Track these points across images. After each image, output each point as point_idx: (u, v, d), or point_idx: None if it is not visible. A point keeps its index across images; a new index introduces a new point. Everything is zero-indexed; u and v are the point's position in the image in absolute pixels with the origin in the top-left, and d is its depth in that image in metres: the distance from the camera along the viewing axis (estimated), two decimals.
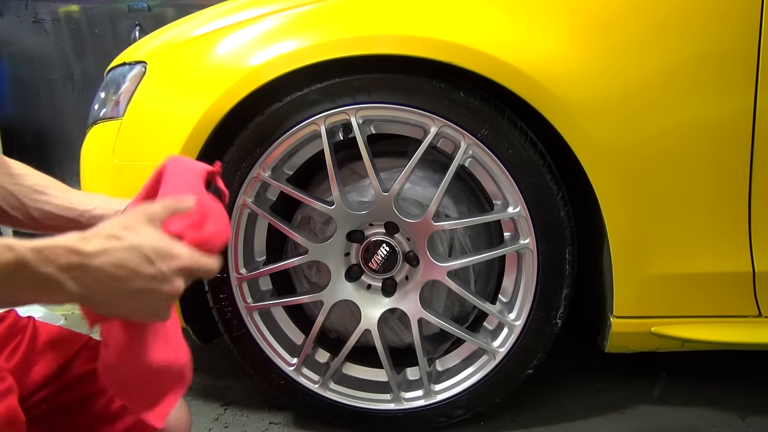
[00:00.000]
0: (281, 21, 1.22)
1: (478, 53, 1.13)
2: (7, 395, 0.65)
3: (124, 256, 0.57)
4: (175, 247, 0.61)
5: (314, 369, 1.36)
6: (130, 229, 0.59)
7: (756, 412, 1.37)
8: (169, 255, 0.60)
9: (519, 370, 1.29)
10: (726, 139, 1.13)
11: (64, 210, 0.87)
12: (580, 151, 1.13)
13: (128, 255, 0.58)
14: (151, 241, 0.59)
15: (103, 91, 1.42)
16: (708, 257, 1.17)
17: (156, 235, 0.61)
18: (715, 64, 1.11)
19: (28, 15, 3.84)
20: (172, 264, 0.60)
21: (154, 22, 3.71)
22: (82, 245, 0.56)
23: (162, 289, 0.60)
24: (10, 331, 0.80)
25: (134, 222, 0.60)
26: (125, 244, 0.58)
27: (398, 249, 1.29)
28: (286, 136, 1.22)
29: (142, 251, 0.58)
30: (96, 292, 0.57)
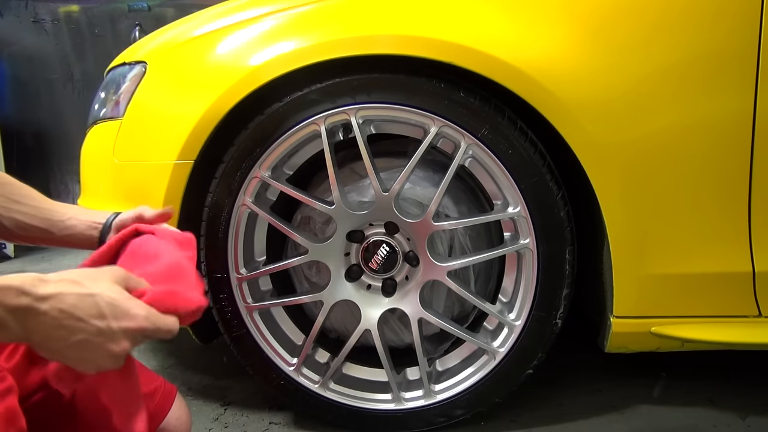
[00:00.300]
0: (281, 21, 1.22)
1: (478, 53, 1.13)
2: (7, 395, 0.65)
3: (76, 303, 0.56)
4: (132, 307, 0.59)
5: (314, 369, 1.36)
6: (92, 279, 0.58)
7: (756, 412, 1.37)
8: (123, 314, 0.58)
9: (519, 370, 1.29)
10: (726, 139, 1.13)
11: (36, 220, 0.87)
12: (580, 151, 1.13)
13: (80, 303, 0.56)
14: (109, 295, 0.58)
15: (103, 91, 1.42)
16: (708, 257, 1.17)
17: (117, 290, 0.59)
18: (714, 63, 1.11)
19: (28, 15, 3.84)
20: (123, 323, 0.58)
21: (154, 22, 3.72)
22: (36, 288, 0.54)
23: (106, 346, 0.58)
24: None
25: (100, 274, 0.59)
26: (81, 291, 0.56)
27: (398, 249, 1.29)
28: (286, 136, 1.22)
29: (96, 303, 0.57)
30: (38, 336, 0.55)
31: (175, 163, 1.22)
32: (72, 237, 0.89)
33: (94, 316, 0.56)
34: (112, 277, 0.60)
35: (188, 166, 1.23)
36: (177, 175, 1.23)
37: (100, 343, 0.57)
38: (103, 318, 0.57)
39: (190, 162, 1.22)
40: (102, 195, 1.40)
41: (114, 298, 0.58)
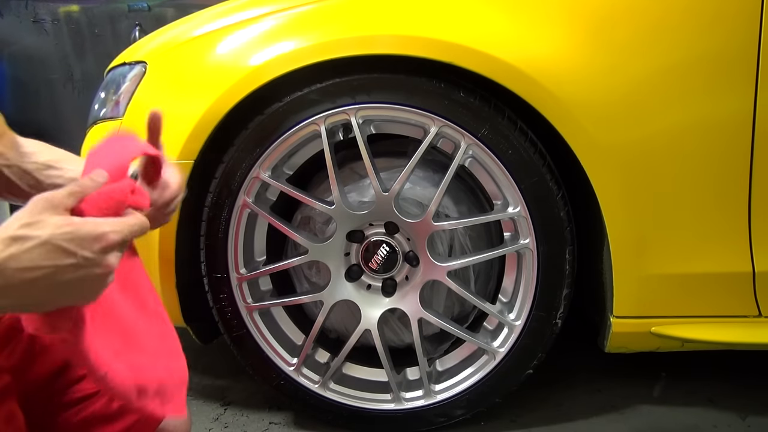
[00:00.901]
0: (281, 21, 1.22)
1: (478, 53, 1.13)
2: (5, 395, 0.64)
3: (34, 256, 0.52)
4: (94, 227, 0.54)
5: (314, 369, 1.36)
6: (32, 225, 0.53)
7: (756, 412, 1.37)
8: (89, 238, 0.54)
9: (519, 370, 1.29)
10: (726, 140, 1.13)
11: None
12: (580, 151, 1.13)
13: (39, 254, 0.52)
14: (61, 231, 0.53)
15: (103, 91, 1.42)
16: (708, 257, 1.17)
17: (63, 220, 0.54)
18: (715, 64, 1.11)
19: (28, 15, 3.84)
20: (95, 247, 0.54)
21: (154, 22, 3.72)
22: None
23: (94, 273, 0.54)
24: (9, 330, 0.80)
25: (35, 215, 0.54)
26: (32, 243, 0.52)
27: (398, 249, 1.29)
28: (286, 136, 1.22)
29: (55, 244, 0.52)
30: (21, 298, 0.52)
31: (175, 163, 1.22)
32: None
33: (61, 256, 0.52)
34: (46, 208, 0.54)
35: (188, 166, 1.22)
36: None
37: (83, 275, 0.54)
38: (71, 254, 0.53)
39: (190, 162, 1.22)
40: None
41: (69, 232, 0.53)
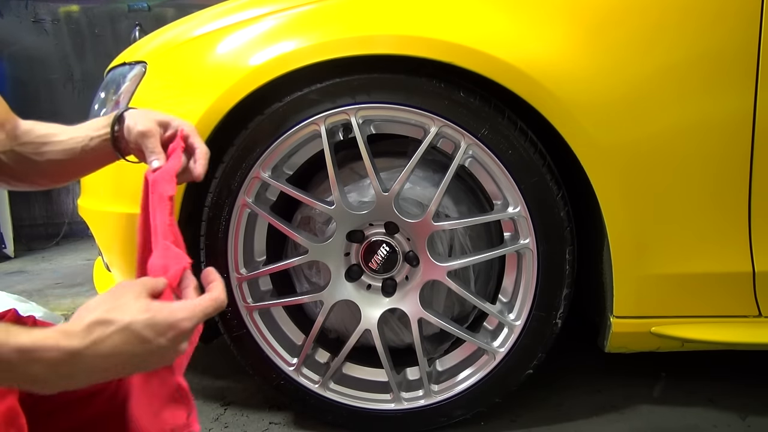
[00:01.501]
0: (281, 21, 1.22)
1: (478, 53, 1.13)
2: (7, 394, 0.65)
3: (116, 341, 0.55)
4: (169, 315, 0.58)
5: (314, 369, 1.36)
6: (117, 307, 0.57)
7: (756, 412, 1.37)
8: (165, 327, 0.57)
9: (519, 370, 1.29)
10: (726, 140, 1.13)
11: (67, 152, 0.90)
12: (580, 151, 1.13)
13: (120, 339, 0.55)
14: (142, 318, 0.56)
15: (103, 91, 1.42)
16: (708, 257, 1.17)
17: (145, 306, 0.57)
18: (715, 63, 1.11)
19: (28, 15, 3.84)
20: (169, 335, 0.57)
21: (154, 22, 3.72)
22: (68, 342, 0.53)
23: (163, 356, 0.59)
24: None
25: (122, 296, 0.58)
26: (115, 328, 0.55)
27: (398, 249, 1.29)
28: (286, 136, 1.22)
29: (134, 332, 0.56)
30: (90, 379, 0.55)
31: None
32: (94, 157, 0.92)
33: (138, 344, 0.56)
34: (134, 293, 0.58)
35: None
36: None
37: (156, 361, 0.58)
38: (147, 341, 0.56)
39: None
40: (102, 195, 1.40)
41: (148, 319, 0.56)
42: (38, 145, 0.89)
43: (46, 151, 0.89)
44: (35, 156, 0.89)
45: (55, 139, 0.90)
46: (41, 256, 3.61)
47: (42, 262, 3.46)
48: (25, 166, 0.90)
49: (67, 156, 0.90)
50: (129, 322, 0.55)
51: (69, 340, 0.53)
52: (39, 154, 0.89)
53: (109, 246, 1.44)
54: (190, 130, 0.90)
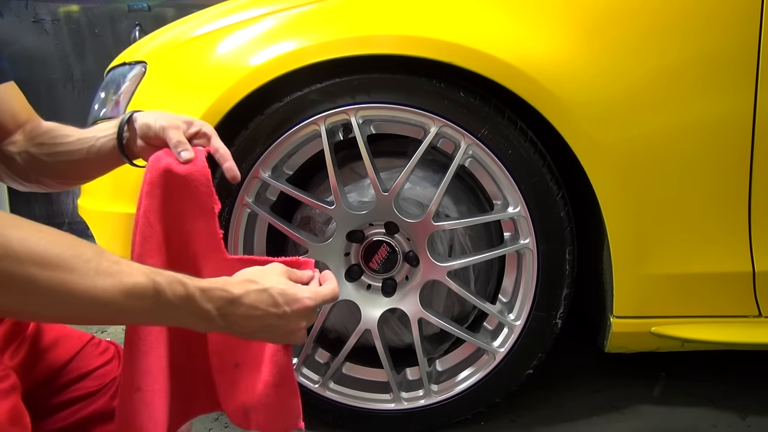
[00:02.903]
0: (281, 21, 1.22)
1: (478, 53, 1.13)
2: (11, 393, 0.65)
3: (258, 297, 0.69)
4: (298, 291, 0.72)
5: (314, 369, 1.36)
6: (263, 276, 0.72)
7: (756, 412, 1.37)
8: (293, 299, 0.71)
9: (519, 370, 1.29)
10: (726, 139, 1.13)
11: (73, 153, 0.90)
12: (580, 151, 1.13)
13: (260, 297, 0.69)
14: (279, 286, 0.71)
15: (103, 91, 1.42)
16: (708, 257, 1.17)
17: (283, 281, 0.72)
18: (715, 64, 1.11)
19: (28, 15, 3.84)
20: (294, 306, 0.71)
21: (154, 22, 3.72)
22: (231, 288, 0.67)
23: (287, 327, 0.72)
24: (14, 329, 0.81)
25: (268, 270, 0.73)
26: (259, 287, 0.69)
27: (398, 249, 1.29)
28: (286, 136, 1.22)
29: (270, 295, 0.70)
30: (235, 325, 0.68)
31: None
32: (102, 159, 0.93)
33: (271, 305, 0.69)
34: (276, 271, 0.73)
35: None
36: None
37: (282, 325, 0.71)
38: (278, 306, 0.70)
39: None
40: (102, 195, 1.40)
41: (283, 289, 0.71)
42: (51, 146, 0.90)
43: (56, 152, 0.90)
44: (46, 157, 0.90)
45: (66, 140, 0.91)
46: None
47: None
48: (36, 166, 0.91)
49: (74, 157, 0.90)
50: (268, 286, 0.70)
51: (231, 287, 0.67)
52: (50, 155, 0.90)
53: (109, 246, 1.44)
54: (210, 130, 0.90)
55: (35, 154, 0.89)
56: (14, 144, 0.89)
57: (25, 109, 0.91)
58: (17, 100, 0.90)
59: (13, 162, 0.90)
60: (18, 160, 0.90)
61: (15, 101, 0.89)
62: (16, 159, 0.90)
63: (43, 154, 0.90)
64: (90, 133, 0.91)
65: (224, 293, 0.66)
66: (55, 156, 0.90)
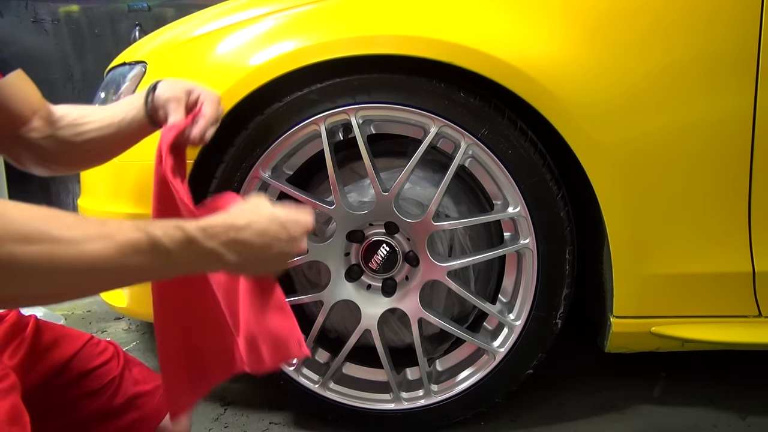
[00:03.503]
0: (281, 21, 1.22)
1: (478, 53, 1.13)
2: (10, 392, 0.65)
3: (266, 225, 0.70)
4: (298, 213, 0.75)
5: (314, 369, 1.36)
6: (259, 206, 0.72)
7: (756, 412, 1.37)
8: (296, 221, 0.74)
9: (519, 370, 1.29)
10: (726, 139, 1.13)
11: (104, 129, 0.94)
12: (580, 151, 1.13)
13: (268, 225, 0.70)
14: (281, 212, 0.73)
15: (103, 91, 1.42)
16: (708, 257, 1.17)
17: (278, 209, 0.73)
18: (715, 64, 1.11)
19: (28, 15, 3.84)
20: (299, 227, 0.74)
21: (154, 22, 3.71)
22: (233, 220, 0.67)
23: (293, 250, 0.73)
24: (13, 329, 0.81)
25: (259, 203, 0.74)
26: (264, 216, 0.70)
27: (398, 249, 1.29)
28: (286, 136, 1.22)
29: (278, 220, 0.71)
30: (246, 258, 0.67)
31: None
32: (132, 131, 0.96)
33: (280, 230, 0.71)
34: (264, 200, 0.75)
35: (188, 166, 1.22)
36: None
37: (289, 249, 0.73)
38: (285, 229, 0.72)
39: (190, 162, 1.22)
40: (102, 195, 1.40)
41: (286, 213, 0.73)
42: (76, 126, 0.93)
43: (83, 131, 0.93)
44: (74, 138, 0.92)
45: (90, 119, 0.93)
46: None
47: None
48: (65, 149, 0.93)
49: (104, 133, 0.93)
50: (273, 212, 0.72)
51: (234, 218, 0.67)
52: (78, 134, 0.92)
53: None
54: (207, 97, 0.95)
55: (63, 137, 0.92)
56: (35, 130, 0.91)
57: (37, 95, 0.92)
58: (29, 86, 0.91)
59: (39, 148, 0.92)
60: (44, 146, 0.91)
61: (27, 88, 0.91)
62: (41, 145, 0.91)
63: (71, 135, 0.92)
64: (116, 108, 0.95)
65: (227, 228, 0.65)
66: (84, 135, 0.92)
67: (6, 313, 0.83)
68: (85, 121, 0.93)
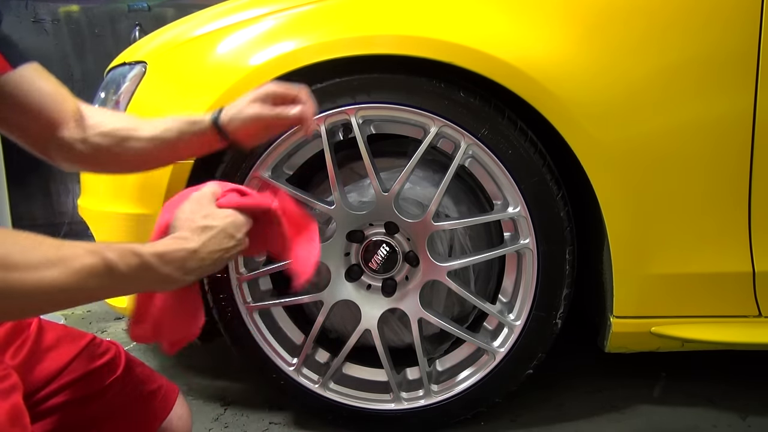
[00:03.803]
0: (281, 21, 1.22)
1: (478, 53, 1.13)
2: (12, 392, 0.65)
3: (218, 241, 0.74)
4: (236, 215, 0.79)
5: (314, 369, 1.36)
6: (209, 216, 0.76)
7: (756, 412, 1.37)
8: (240, 224, 0.79)
9: (519, 370, 1.29)
10: (726, 139, 1.13)
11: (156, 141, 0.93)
12: (580, 151, 1.13)
13: (220, 239, 0.74)
14: (227, 219, 0.77)
15: (103, 91, 1.42)
16: (708, 257, 1.17)
17: (224, 213, 0.78)
18: (715, 63, 1.11)
19: (28, 15, 3.84)
20: (243, 230, 0.79)
21: (154, 22, 3.72)
22: (188, 245, 0.70)
23: (237, 250, 0.78)
24: (16, 328, 0.81)
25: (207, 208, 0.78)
26: (214, 232, 0.74)
27: (398, 249, 1.29)
28: (286, 136, 1.22)
29: (226, 231, 0.76)
30: (199, 273, 0.72)
31: (176, 163, 1.22)
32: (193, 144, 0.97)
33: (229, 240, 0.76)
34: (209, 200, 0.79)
35: (188, 166, 1.23)
36: (177, 175, 1.23)
37: (235, 253, 0.78)
38: (233, 237, 0.76)
39: (190, 162, 1.22)
40: (102, 195, 1.40)
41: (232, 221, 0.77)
42: (119, 139, 0.92)
43: (129, 146, 0.92)
44: (116, 148, 0.92)
45: (137, 134, 0.92)
46: None
47: None
48: (106, 156, 0.93)
49: (154, 144, 0.93)
50: (223, 226, 0.75)
51: (188, 243, 0.71)
52: (121, 146, 0.92)
53: None
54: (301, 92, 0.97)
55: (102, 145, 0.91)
56: (72, 131, 0.90)
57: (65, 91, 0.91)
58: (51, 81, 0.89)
59: (72, 150, 0.91)
60: (81, 148, 0.91)
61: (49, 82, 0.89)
62: (75, 146, 0.91)
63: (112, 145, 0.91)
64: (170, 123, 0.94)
65: (182, 252, 0.69)
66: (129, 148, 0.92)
67: None
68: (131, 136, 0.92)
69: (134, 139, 0.92)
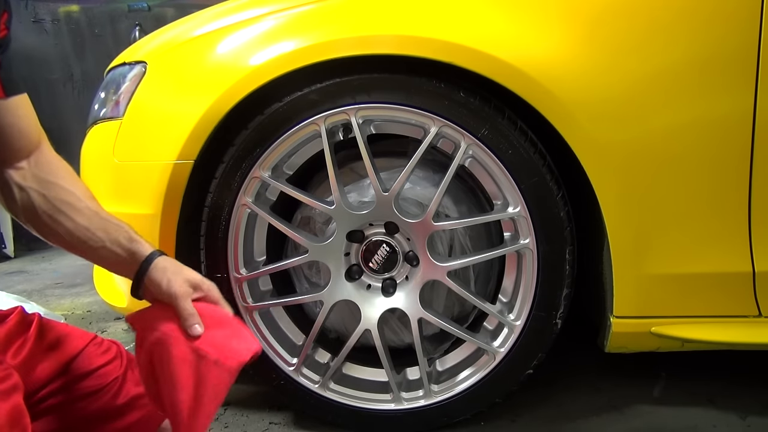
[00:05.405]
0: (281, 21, 1.22)
1: (478, 53, 1.13)
2: (12, 393, 0.65)
3: None
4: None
5: (314, 369, 1.36)
6: None
7: (756, 412, 1.37)
8: None
9: (519, 370, 1.29)
10: (726, 139, 1.12)
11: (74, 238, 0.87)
12: (579, 151, 1.13)
13: None
14: None
15: (103, 91, 1.42)
16: (708, 257, 1.17)
17: None
18: (715, 63, 1.11)
19: (28, 15, 3.84)
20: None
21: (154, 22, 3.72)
22: None
23: None
24: (17, 328, 0.81)
25: None
26: None
27: (398, 249, 1.29)
28: (286, 136, 1.22)
29: None
30: None
31: (175, 163, 1.22)
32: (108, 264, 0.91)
33: None
34: None
35: (188, 166, 1.23)
36: (177, 175, 1.23)
37: None
38: None
39: (190, 162, 1.22)
40: (102, 195, 1.39)
41: None
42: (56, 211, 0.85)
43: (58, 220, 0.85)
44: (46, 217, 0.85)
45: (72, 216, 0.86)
46: (41, 256, 3.61)
47: (42, 262, 3.46)
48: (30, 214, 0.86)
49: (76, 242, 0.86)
50: None
51: None
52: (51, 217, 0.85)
53: None
54: (219, 297, 0.92)
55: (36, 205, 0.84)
56: (18, 171, 0.84)
57: (36, 131, 0.85)
58: (29, 117, 0.85)
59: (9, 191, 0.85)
60: (15, 193, 0.85)
61: (27, 119, 0.84)
62: (13, 190, 0.85)
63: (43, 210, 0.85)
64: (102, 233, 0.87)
65: None
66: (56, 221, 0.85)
67: (10, 311, 0.83)
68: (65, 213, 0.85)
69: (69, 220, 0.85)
